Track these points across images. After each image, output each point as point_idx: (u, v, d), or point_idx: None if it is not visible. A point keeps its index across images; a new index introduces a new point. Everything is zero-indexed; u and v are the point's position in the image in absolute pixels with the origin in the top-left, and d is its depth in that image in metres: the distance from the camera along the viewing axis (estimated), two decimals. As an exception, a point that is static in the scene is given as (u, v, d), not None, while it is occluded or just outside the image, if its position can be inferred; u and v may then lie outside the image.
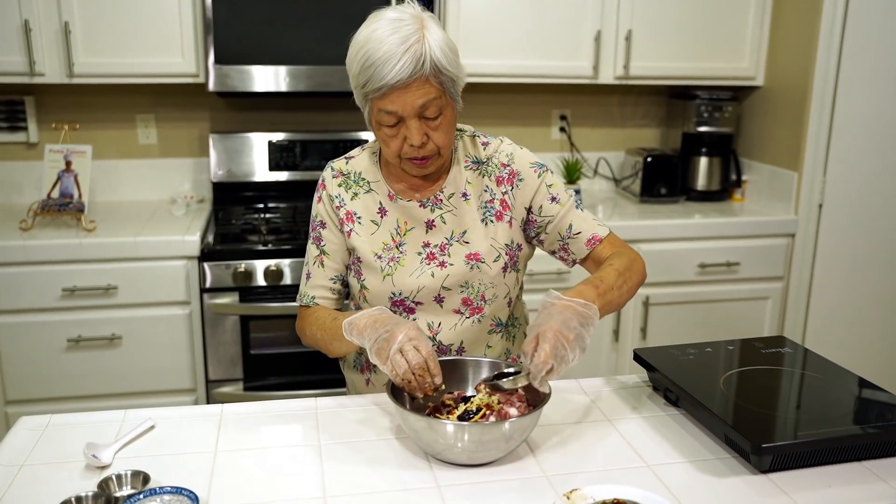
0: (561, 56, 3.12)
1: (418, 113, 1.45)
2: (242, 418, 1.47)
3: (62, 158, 2.86)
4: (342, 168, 1.67)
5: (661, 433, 1.42)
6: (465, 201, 1.61)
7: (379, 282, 1.60)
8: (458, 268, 1.58)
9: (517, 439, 1.29)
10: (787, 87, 3.19)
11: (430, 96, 1.44)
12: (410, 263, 1.59)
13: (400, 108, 1.44)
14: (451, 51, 1.46)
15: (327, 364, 2.78)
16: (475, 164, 1.63)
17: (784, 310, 3.24)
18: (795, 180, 3.15)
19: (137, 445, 1.37)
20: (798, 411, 1.40)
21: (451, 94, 1.48)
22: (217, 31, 2.78)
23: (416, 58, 1.40)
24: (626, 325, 3.09)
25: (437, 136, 1.49)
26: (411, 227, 1.61)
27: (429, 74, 1.42)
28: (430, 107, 1.45)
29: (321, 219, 1.65)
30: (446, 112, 1.49)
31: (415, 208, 1.61)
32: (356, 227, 1.62)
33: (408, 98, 1.43)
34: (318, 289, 1.66)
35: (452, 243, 1.60)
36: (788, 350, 1.64)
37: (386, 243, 1.61)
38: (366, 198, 1.63)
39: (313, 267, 1.66)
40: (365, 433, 1.41)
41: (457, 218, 1.61)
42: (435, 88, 1.44)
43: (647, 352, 1.62)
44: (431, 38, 1.42)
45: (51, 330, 2.67)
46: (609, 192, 3.59)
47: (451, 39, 1.48)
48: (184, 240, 2.69)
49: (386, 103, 1.44)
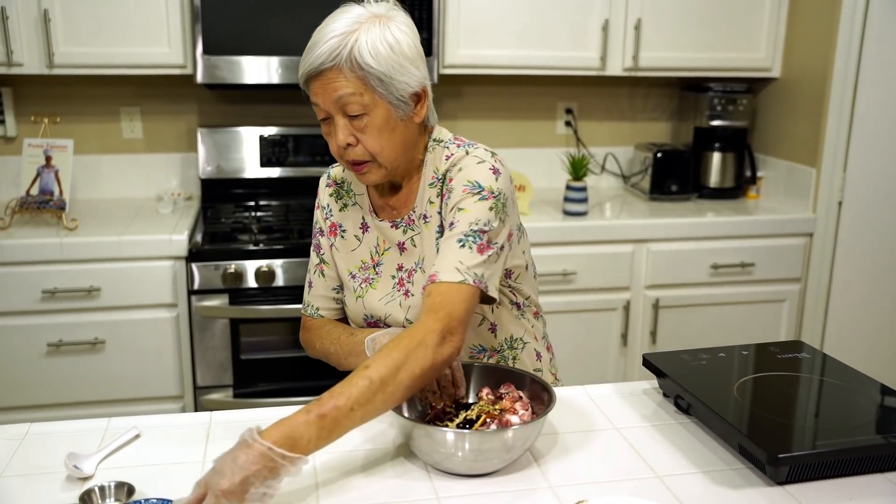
0: (567, 46, 3.12)
1: (339, 108, 1.42)
2: (232, 427, 1.47)
3: (42, 153, 2.86)
4: (336, 176, 1.67)
5: (671, 442, 1.42)
6: (425, 224, 1.54)
7: (353, 302, 1.62)
8: (417, 298, 1.54)
9: (519, 448, 1.29)
10: (806, 78, 3.19)
11: (346, 90, 1.39)
12: (383, 287, 1.58)
13: (320, 100, 1.43)
14: (390, 49, 1.39)
15: (321, 370, 2.77)
16: (439, 181, 1.52)
17: (801, 313, 3.23)
18: (814, 176, 3.15)
19: (122, 455, 1.37)
20: (816, 420, 1.40)
21: (381, 95, 1.40)
22: (205, 19, 2.77)
23: (334, 46, 1.37)
24: (634, 328, 3.09)
25: (366, 139, 1.43)
26: (387, 247, 1.59)
27: (344, 65, 1.38)
28: (350, 104, 1.40)
29: (319, 226, 1.67)
30: (374, 114, 1.41)
31: (387, 228, 1.58)
32: (337, 241, 1.63)
33: (326, 88, 1.40)
34: (320, 299, 1.68)
35: (417, 270, 1.56)
36: (806, 355, 1.63)
37: (364, 261, 1.61)
38: (353, 211, 1.63)
39: (314, 276, 1.68)
40: (361, 442, 1.41)
41: (421, 242, 1.55)
42: (352, 83, 1.38)
43: (656, 357, 1.62)
44: (369, 33, 1.38)
45: (30, 334, 2.67)
46: (617, 190, 3.59)
47: (402, 42, 1.41)
48: (171, 239, 2.69)
49: (312, 93, 1.44)
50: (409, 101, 1.44)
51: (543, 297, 1.77)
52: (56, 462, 1.33)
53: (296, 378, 2.82)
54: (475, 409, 1.36)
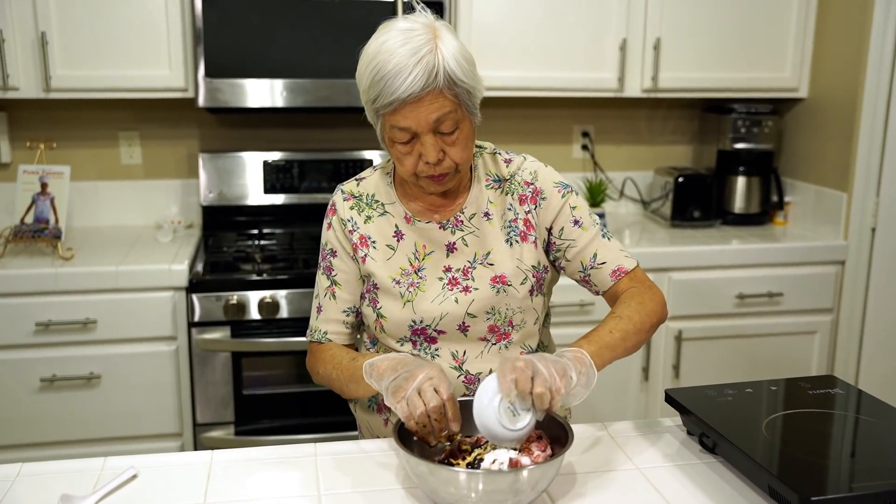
0: (583, 67, 3.14)
1: (433, 128, 1.48)
2: (234, 466, 1.47)
3: (37, 180, 2.89)
4: (353, 190, 1.70)
5: (696, 483, 1.41)
6: (487, 221, 1.64)
7: (398, 309, 1.61)
8: (483, 292, 1.60)
9: (530, 490, 1.27)
10: (835, 98, 3.20)
11: (445, 110, 1.47)
12: (431, 289, 1.61)
13: (413, 123, 1.47)
14: (466, 61, 1.48)
15: (328, 406, 2.78)
16: (497, 183, 1.67)
17: (834, 346, 3.21)
18: (845, 202, 3.14)
19: (118, 497, 1.37)
20: (852, 460, 1.38)
21: (467, 108, 1.51)
22: (207, 40, 2.81)
23: (428, 69, 1.42)
24: (656, 362, 3.08)
25: (453, 151, 1.52)
26: (430, 250, 1.64)
27: (443, 87, 1.45)
28: (446, 121, 1.48)
29: (331, 247, 1.68)
30: (463, 126, 1.52)
31: (434, 230, 1.64)
32: (371, 251, 1.65)
33: (421, 113, 1.45)
34: (330, 323, 1.69)
35: (476, 266, 1.62)
36: (839, 391, 1.62)
37: (404, 268, 1.63)
38: (380, 221, 1.66)
39: (324, 299, 1.69)
40: (370, 482, 1.40)
41: (479, 239, 1.64)
42: (450, 101, 1.47)
43: (680, 392, 1.61)
44: (445, 49, 1.45)
45: (22, 368, 2.68)
46: (636, 216, 3.59)
47: (466, 49, 1.50)
48: (170, 269, 2.70)
49: (398, 119, 1.47)
50: (478, 108, 1.55)
51: (560, 328, 1.79)
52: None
53: (300, 414, 2.82)
54: (489, 446, 1.36)
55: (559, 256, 1.67)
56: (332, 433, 2.77)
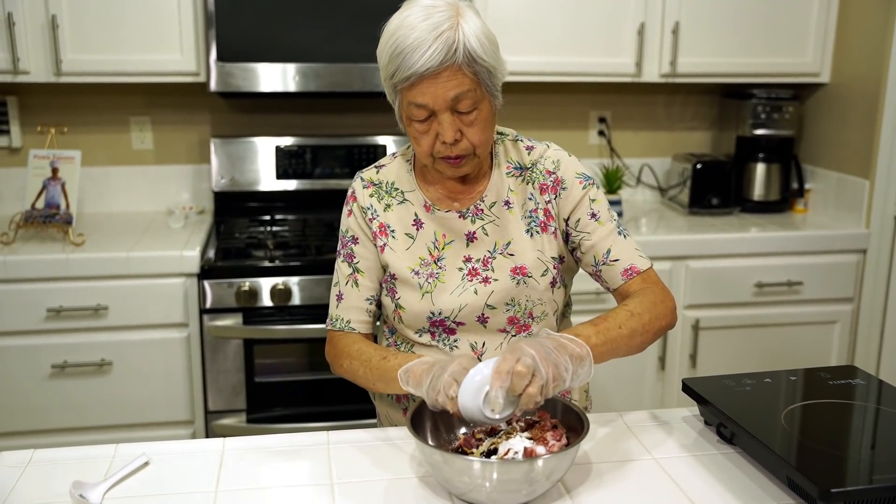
0: (600, 52, 3.12)
1: (450, 106, 1.48)
2: (245, 454, 1.48)
3: (48, 165, 2.90)
4: (373, 178, 1.70)
5: (713, 474, 1.40)
6: (507, 210, 1.64)
7: (417, 300, 1.61)
8: (503, 283, 1.60)
9: (543, 481, 1.27)
10: (857, 83, 3.17)
11: (464, 88, 1.46)
12: (451, 280, 1.61)
13: (430, 100, 1.46)
14: (488, 40, 1.48)
15: (340, 394, 2.79)
16: (518, 170, 1.67)
17: (854, 336, 3.20)
18: (867, 189, 3.12)
19: (129, 484, 1.38)
20: (873, 452, 1.38)
21: (487, 88, 1.51)
22: (220, 24, 2.81)
23: (447, 45, 1.42)
24: (673, 351, 3.07)
25: (471, 132, 1.52)
26: (450, 240, 1.63)
27: (461, 63, 1.44)
28: (464, 99, 1.47)
29: (352, 234, 1.68)
30: (482, 107, 1.51)
31: (454, 219, 1.63)
32: (390, 241, 1.64)
33: (439, 89, 1.45)
34: (352, 311, 1.67)
35: (496, 256, 1.62)
36: (860, 381, 1.61)
37: (423, 258, 1.63)
38: (400, 209, 1.66)
39: (346, 287, 1.68)
40: (382, 471, 1.41)
41: (500, 228, 1.63)
42: (469, 79, 1.46)
43: (697, 382, 1.61)
44: (466, 25, 1.45)
45: (33, 355, 2.70)
46: (654, 203, 3.58)
47: (489, 28, 1.50)
48: (182, 255, 2.71)
49: (416, 95, 1.47)
50: (500, 90, 1.55)
51: (575, 317, 1.80)
52: (61, 491, 1.34)
53: (313, 402, 2.83)
54: (503, 436, 1.36)
55: (575, 248, 1.66)
56: (344, 421, 2.78)
